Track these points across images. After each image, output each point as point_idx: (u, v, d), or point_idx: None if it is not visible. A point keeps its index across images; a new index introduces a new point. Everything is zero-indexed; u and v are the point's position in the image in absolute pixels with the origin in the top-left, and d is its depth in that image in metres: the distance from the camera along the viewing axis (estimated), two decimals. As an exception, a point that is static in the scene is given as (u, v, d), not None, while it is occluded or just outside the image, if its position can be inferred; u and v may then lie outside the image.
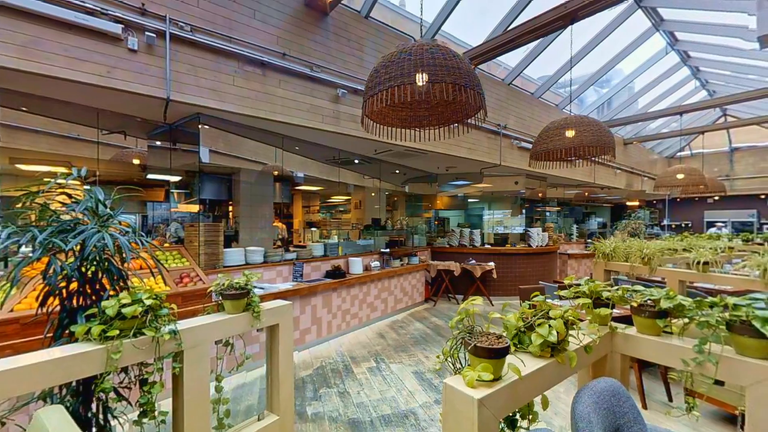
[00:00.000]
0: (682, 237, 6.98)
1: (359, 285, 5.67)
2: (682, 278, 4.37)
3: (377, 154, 6.01)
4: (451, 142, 6.12)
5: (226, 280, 2.17)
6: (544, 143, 4.42)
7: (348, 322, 5.45)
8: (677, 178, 8.57)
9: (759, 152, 13.75)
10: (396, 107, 3.30)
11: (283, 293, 4.32)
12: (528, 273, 7.92)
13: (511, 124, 7.23)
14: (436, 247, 8.17)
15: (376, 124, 3.29)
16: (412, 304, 6.96)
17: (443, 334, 5.43)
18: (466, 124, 3.17)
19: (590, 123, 4.25)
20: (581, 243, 11.05)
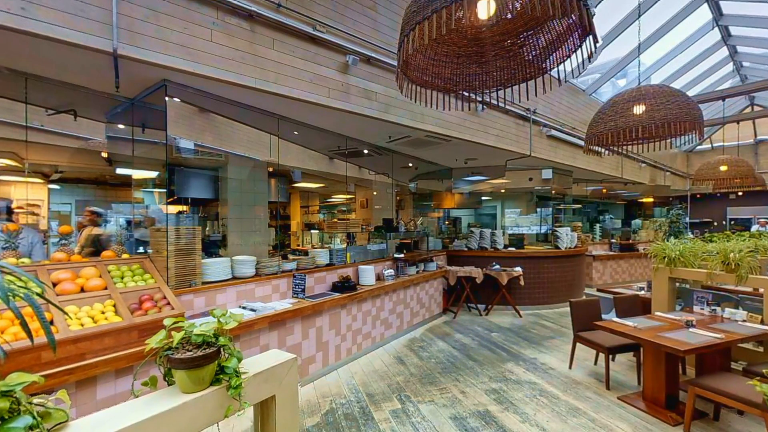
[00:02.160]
0: (728, 236, 6.10)
1: (372, 299, 4.73)
2: (787, 289, 3.46)
3: (390, 143, 5.07)
4: (477, 127, 5.19)
5: (181, 325, 1.21)
6: (610, 120, 3.50)
7: (359, 344, 4.50)
8: (721, 170, 7.71)
9: (785, 144, 12.95)
10: (440, 60, 2.36)
11: (281, 315, 3.36)
12: (557, 278, 7.01)
13: (539, 110, 6.32)
14: (451, 250, 7.24)
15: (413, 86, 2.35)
16: (429, 317, 6.02)
17: (475, 358, 4.49)
18: (548, 72, 2.24)
19: (671, 93, 3.34)
20: (605, 243, 10.16)
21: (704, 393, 2.78)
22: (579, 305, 4.10)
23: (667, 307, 4.27)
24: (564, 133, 6.88)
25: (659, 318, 3.64)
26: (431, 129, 4.47)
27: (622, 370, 4.06)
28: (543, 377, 3.91)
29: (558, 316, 6.45)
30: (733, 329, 3.22)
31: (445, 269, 6.41)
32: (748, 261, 3.74)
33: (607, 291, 5.24)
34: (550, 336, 5.31)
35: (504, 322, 6.03)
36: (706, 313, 3.83)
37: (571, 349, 4.13)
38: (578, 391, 3.59)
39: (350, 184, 8.52)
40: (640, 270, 9.91)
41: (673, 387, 3.23)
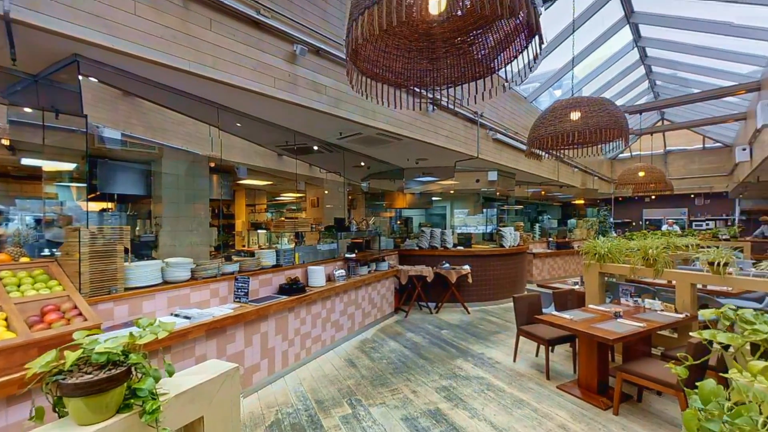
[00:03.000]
0: (644, 235, 6.85)
1: (322, 301, 4.56)
2: (694, 281, 3.91)
3: (342, 140, 4.94)
4: (428, 128, 5.25)
5: (80, 342, 1.00)
6: (550, 125, 3.70)
7: (309, 348, 4.31)
8: (639, 175, 8.62)
9: (688, 155, 14.90)
10: (390, 52, 2.29)
11: (220, 322, 3.09)
12: (502, 275, 7.35)
13: (486, 114, 6.58)
14: (403, 249, 7.28)
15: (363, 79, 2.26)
16: (381, 317, 5.97)
17: (426, 356, 4.52)
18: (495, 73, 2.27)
19: (602, 103, 3.61)
20: (543, 242, 10.90)
21: (629, 377, 3.03)
22: (521, 300, 4.30)
23: (599, 299, 4.64)
24: (508, 137, 7.23)
25: (592, 310, 3.93)
26: (382, 127, 4.42)
27: (560, 360, 4.32)
28: (490, 371, 4.04)
29: (503, 311, 6.76)
30: (654, 318, 3.56)
31: (396, 269, 6.41)
32: (663, 256, 4.18)
33: (546, 286, 5.59)
34: (496, 331, 5.53)
35: (453, 320, 6.17)
36: (630, 304, 4.20)
37: (515, 343, 4.32)
38: (522, 383, 3.75)
39: (300, 182, 8.23)
40: (573, 266, 10.76)
41: (604, 374, 3.49)
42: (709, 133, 13.79)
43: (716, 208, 14.57)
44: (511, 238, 7.69)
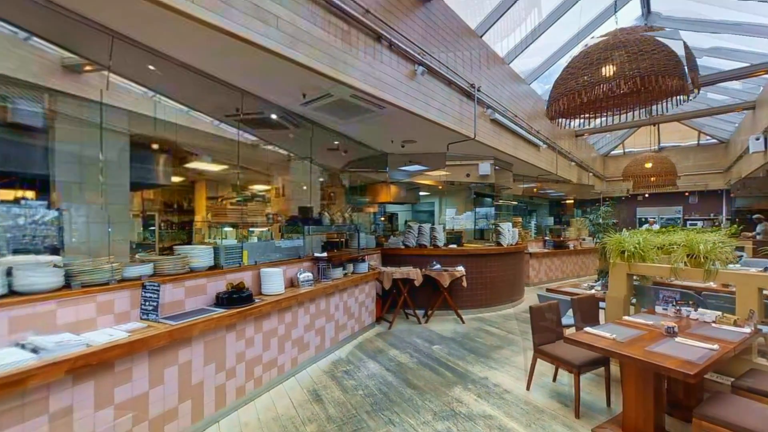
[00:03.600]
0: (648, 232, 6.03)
1: (278, 313, 3.48)
2: (763, 285, 3.01)
3: (307, 105, 3.87)
4: (417, 95, 4.24)
5: None
6: (583, 75, 2.74)
7: (258, 378, 3.22)
8: (646, 166, 7.87)
9: (682, 152, 14.41)
10: None
11: (103, 354, 1.98)
12: (499, 278, 6.42)
13: (483, 89, 5.63)
14: (387, 248, 6.26)
15: None
16: (360, 329, 4.92)
17: (415, 383, 3.49)
18: None
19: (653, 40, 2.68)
20: (539, 240, 10.07)
21: (718, 430, 2.07)
22: (539, 312, 3.32)
23: (624, 307, 3.72)
24: (507, 119, 6.31)
25: (632, 324, 2.99)
26: (358, 85, 3.38)
27: (585, 385, 3.37)
28: (499, 405, 3.04)
29: (502, 319, 5.81)
30: (719, 335, 2.64)
31: (379, 270, 5.38)
32: (717, 253, 3.28)
33: (559, 291, 4.65)
34: (497, 345, 4.56)
35: (446, 330, 5.17)
36: (671, 314, 3.29)
37: (531, 367, 3.34)
38: (544, 423, 2.77)
39: (269, 169, 7.12)
40: (570, 266, 9.98)
41: (660, 415, 2.54)
42: (705, 128, 13.31)
43: (711, 207, 14.13)
44: (509, 236, 6.77)
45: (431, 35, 4.43)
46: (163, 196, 7.64)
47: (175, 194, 7.89)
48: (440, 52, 4.61)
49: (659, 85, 2.62)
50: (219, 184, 8.10)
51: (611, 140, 14.79)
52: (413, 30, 4.14)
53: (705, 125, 13.05)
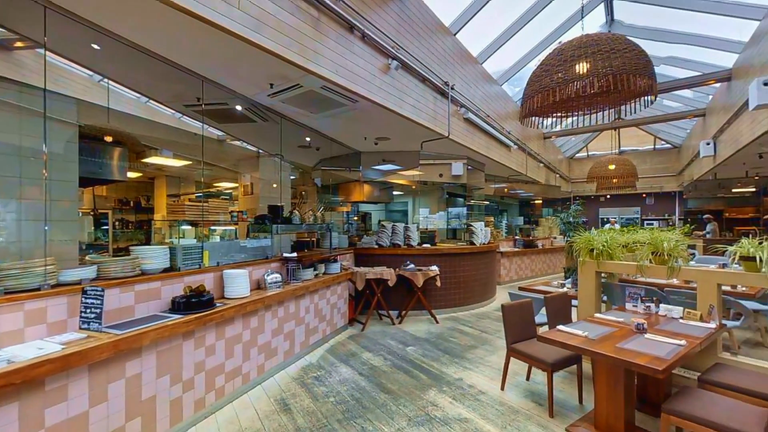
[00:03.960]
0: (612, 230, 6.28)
1: (243, 318, 3.25)
2: (724, 281, 3.13)
3: (275, 97, 3.65)
4: (391, 90, 4.13)
5: None
6: (557, 72, 2.72)
7: (220, 388, 2.98)
8: (609, 168, 8.19)
9: (639, 156, 15.21)
10: None
11: (24, 372, 1.71)
12: (472, 277, 6.43)
13: (457, 87, 5.62)
14: (360, 248, 6.11)
15: None
16: (331, 332, 4.74)
17: (388, 387, 3.37)
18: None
19: (623, 39, 2.70)
20: (510, 240, 10.26)
21: (685, 424, 2.09)
22: (512, 310, 3.30)
23: (595, 305, 3.79)
24: (480, 119, 6.34)
25: (602, 321, 3.02)
26: (329, 76, 3.22)
27: (557, 383, 3.38)
28: (475, 407, 2.98)
29: (476, 318, 5.82)
30: (686, 331, 2.71)
31: (351, 271, 5.22)
32: (680, 251, 3.39)
33: (530, 289, 4.69)
34: (471, 345, 4.53)
35: (420, 331, 5.10)
36: (640, 311, 3.37)
37: (504, 366, 3.30)
38: (520, 424, 2.73)
39: (237, 166, 6.78)
40: (540, 265, 10.24)
41: (631, 411, 2.56)
42: (660, 134, 14.13)
43: (666, 207, 15.02)
44: (482, 235, 6.81)
45: (405, 29, 4.33)
46: (118, 193, 7.10)
47: (132, 191, 7.36)
48: (414, 47, 4.53)
49: (630, 84, 2.64)
50: (182, 180, 7.64)
51: (576, 143, 15.39)
52: (387, 23, 4.03)
53: (660, 131, 13.85)
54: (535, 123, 3.45)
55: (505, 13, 6.52)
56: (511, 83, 8.76)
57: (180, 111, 4.13)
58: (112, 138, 4.44)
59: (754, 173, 10.21)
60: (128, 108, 4.47)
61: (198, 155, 5.40)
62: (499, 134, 7.29)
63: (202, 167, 4.68)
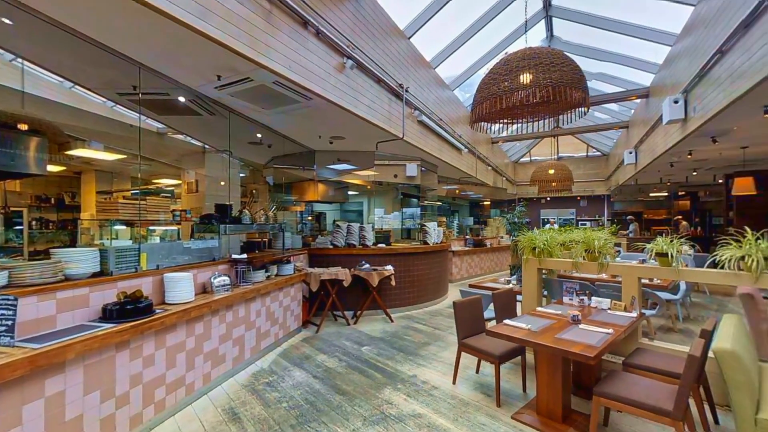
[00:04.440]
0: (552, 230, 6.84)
1: (187, 324, 3.04)
2: (643, 275, 3.53)
3: (222, 90, 3.46)
4: (346, 89, 4.10)
5: None
6: (503, 81, 2.88)
7: (160, 402, 2.76)
8: (549, 173, 8.84)
9: (575, 162, 16.62)
10: None
11: None
12: (426, 275, 6.60)
13: (411, 90, 5.73)
14: (315, 249, 6.01)
15: None
16: (285, 335, 4.60)
17: (344, 388, 3.34)
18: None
19: (561, 53, 2.94)
20: (461, 239, 10.68)
21: (612, 404, 2.32)
22: (463, 307, 3.44)
23: (538, 299, 4.08)
24: (433, 122, 6.53)
25: (543, 314, 3.25)
26: (281, 71, 3.12)
27: (504, 374, 3.58)
28: (428, 403, 3.06)
29: (429, 316, 5.97)
30: (611, 320, 3.01)
31: (305, 272, 5.10)
32: (608, 249, 3.76)
33: (480, 286, 4.92)
34: (425, 342, 4.64)
35: (375, 331, 5.12)
36: (575, 303, 3.68)
37: (456, 361, 3.43)
38: (470, 416, 2.85)
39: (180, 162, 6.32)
40: (488, 263, 10.77)
41: (568, 396, 2.79)
42: (592, 142, 15.55)
43: (596, 209, 16.56)
44: (435, 235, 7.02)
45: (360, 29, 4.33)
46: (35, 189, 6.28)
47: (54, 186, 6.56)
48: (370, 48, 4.55)
49: (566, 96, 2.87)
50: (115, 176, 6.95)
51: (521, 148, 16.43)
52: (342, 21, 4.00)
53: (592, 140, 15.25)
54: (484, 128, 3.62)
55: (457, 20, 6.78)
56: (462, 89, 9.12)
57: (113, 99, 3.75)
58: (27, 126, 3.92)
59: (667, 180, 11.63)
60: (49, 93, 3.99)
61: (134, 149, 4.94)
62: (451, 137, 7.56)
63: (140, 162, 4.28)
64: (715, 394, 2.83)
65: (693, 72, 4.99)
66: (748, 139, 6.27)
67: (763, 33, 3.50)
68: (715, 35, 4.34)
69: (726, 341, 2.17)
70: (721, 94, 4.46)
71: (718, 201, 12.66)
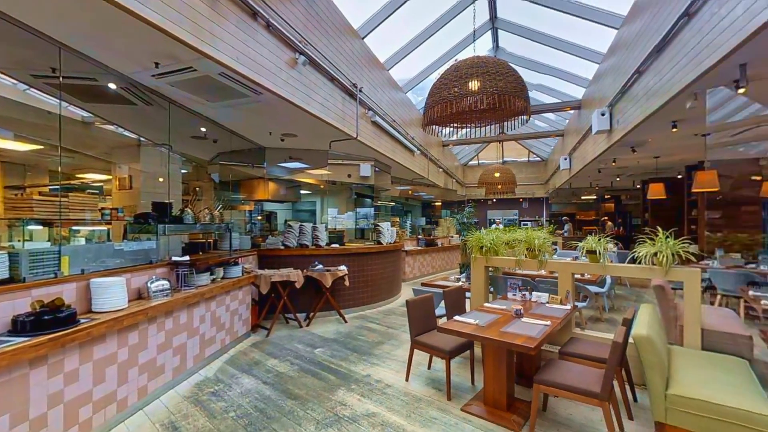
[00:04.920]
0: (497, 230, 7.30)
1: (118, 334, 2.76)
2: (576, 270, 3.86)
3: (162, 78, 3.20)
4: (298, 86, 4.00)
5: None
6: (454, 86, 3.00)
7: (86, 421, 2.48)
8: (495, 176, 9.36)
9: (517, 166, 17.76)
10: None
11: None
12: (379, 275, 6.65)
13: (365, 91, 5.74)
14: (265, 249, 5.78)
15: None
16: (232, 341, 4.37)
17: (296, 393, 3.25)
18: None
19: (506, 63, 3.12)
20: (413, 239, 10.92)
21: (552, 391, 2.51)
22: (415, 305, 3.52)
23: (485, 295, 4.29)
24: (386, 123, 6.60)
25: (490, 310, 3.43)
26: (228, 63, 2.96)
27: (454, 368, 3.71)
28: (382, 401, 3.08)
29: (383, 315, 6.02)
30: (549, 313, 3.25)
31: (254, 274, 4.89)
32: (547, 247, 4.06)
33: (432, 285, 5.06)
34: (379, 341, 4.67)
35: (328, 332, 5.05)
36: (518, 298, 3.93)
37: (409, 358, 3.50)
38: (422, 411, 2.92)
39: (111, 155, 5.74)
40: (440, 262, 11.13)
41: (511, 386, 2.97)
42: (533, 148, 16.74)
43: (537, 210, 17.84)
44: (389, 234, 7.10)
45: (314, 25, 4.25)
46: None
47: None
48: (323, 45, 4.48)
49: (510, 104, 3.05)
50: (29, 169, 6.11)
51: (469, 152, 17.20)
52: (294, 16, 3.89)
53: (533, 146, 16.42)
54: (435, 131, 3.73)
55: (410, 24, 6.92)
56: (414, 92, 9.33)
57: (26, 82, 3.29)
58: None
59: (596, 184, 12.88)
60: None
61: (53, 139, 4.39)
62: (404, 139, 7.69)
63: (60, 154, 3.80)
64: (634, 375, 3.19)
65: (616, 88, 5.57)
66: (660, 150, 7.15)
67: (672, 57, 4.02)
68: (634, 57, 4.89)
69: (643, 328, 2.45)
70: (638, 109, 5.04)
71: (636, 204, 14.28)
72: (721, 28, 3.05)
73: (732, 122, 5.22)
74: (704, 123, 5.17)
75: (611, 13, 5.71)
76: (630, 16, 5.27)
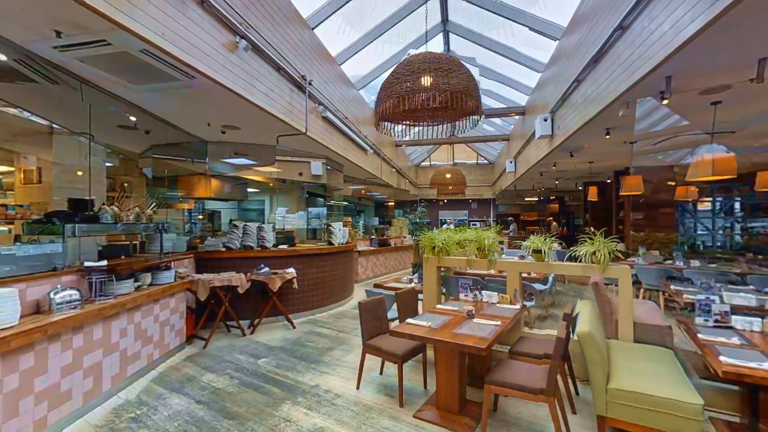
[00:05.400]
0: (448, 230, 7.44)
1: (4, 358, 2.27)
2: (522, 270, 3.95)
3: (68, 53, 2.71)
4: (239, 72, 3.65)
5: None
6: (406, 81, 2.89)
7: (-46, 471, 1.98)
8: (446, 177, 9.53)
9: (467, 168, 18.38)
10: None
11: None
12: (331, 277, 6.41)
13: (315, 84, 5.48)
14: (203, 252, 5.28)
15: None
16: (162, 355, 3.88)
17: (234, 411, 2.93)
18: None
19: (459, 61, 3.08)
20: (366, 239, 10.77)
21: (502, 391, 2.49)
22: (367, 307, 3.36)
23: (438, 296, 4.26)
24: (338, 119, 6.38)
25: (442, 311, 3.37)
26: (152, 39, 2.57)
27: (407, 373, 3.62)
28: (331, 413, 2.88)
29: (334, 318, 5.79)
30: (499, 313, 3.26)
31: (190, 279, 4.41)
32: (496, 247, 4.12)
33: (383, 286, 4.94)
34: (329, 347, 4.45)
35: (274, 340, 4.72)
36: (470, 299, 3.93)
37: (360, 364, 3.33)
38: (374, 421, 2.77)
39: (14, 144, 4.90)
40: (393, 262, 11.09)
41: (463, 389, 2.92)
42: (481, 152, 17.42)
43: (485, 211, 18.60)
44: (341, 235, 6.87)
45: (256, 8, 3.92)
46: None
47: None
48: (268, 30, 4.16)
49: (462, 102, 3.01)
50: None
51: (422, 153, 17.46)
52: None
53: (481, 149, 17.08)
54: (388, 129, 3.61)
55: (364, 19, 6.76)
56: (367, 90, 9.20)
57: None
58: None
59: (539, 186, 13.69)
60: None
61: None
62: (356, 137, 7.52)
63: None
64: (576, 370, 3.30)
65: (558, 96, 5.88)
66: (594, 155, 7.72)
67: (607, 67, 4.28)
68: (574, 66, 5.17)
69: (585, 325, 2.51)
70: (578, 116, 5.34)
71: (578, 205, 15.42)
72: (651, 41, 3.27)
73: (655, 131, 5.74)
74: (633, 131, 5.63)
75: (552, 23, 6.01)
76: (570, 27, 5.58)
